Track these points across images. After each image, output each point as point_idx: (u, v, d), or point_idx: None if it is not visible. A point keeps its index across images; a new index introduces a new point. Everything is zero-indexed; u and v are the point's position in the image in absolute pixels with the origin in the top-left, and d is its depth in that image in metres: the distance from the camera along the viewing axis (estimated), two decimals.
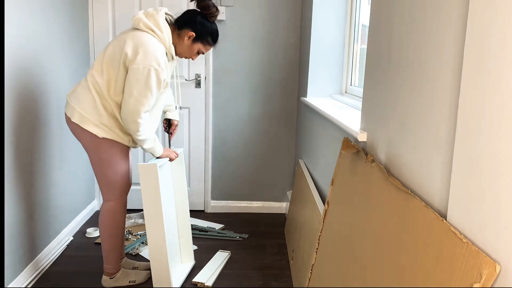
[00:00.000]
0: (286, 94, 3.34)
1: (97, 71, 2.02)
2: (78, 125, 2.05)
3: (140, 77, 1.93)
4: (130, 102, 1.96)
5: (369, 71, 1.64)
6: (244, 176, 3.44)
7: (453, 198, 0.98)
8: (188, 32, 2.09)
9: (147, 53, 1.94)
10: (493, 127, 0.84)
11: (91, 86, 2.03)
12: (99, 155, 2.10)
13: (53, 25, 2.53)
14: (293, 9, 3.22)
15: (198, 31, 2.10)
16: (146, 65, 1.93)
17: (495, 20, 0.84)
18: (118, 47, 2.00)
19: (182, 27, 2.10)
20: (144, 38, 1.97)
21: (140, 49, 1.94)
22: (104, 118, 2.04)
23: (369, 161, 1.50)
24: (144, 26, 2.01)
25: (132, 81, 1.95)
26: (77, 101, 2.04)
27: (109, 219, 2.20)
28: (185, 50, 2.14)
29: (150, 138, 2.09)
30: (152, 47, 1.96)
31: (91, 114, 2.03)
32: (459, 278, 0.88)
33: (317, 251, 1.84)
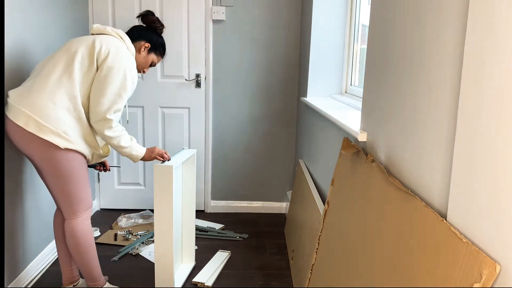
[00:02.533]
0: (286, 94, 3.34)
1: (60, 70, 1.87)
2: (33, 135, 1.81)
3: (115, 77, 1.89)
4: (102, 101, 1.88)
5: (369, 71, 1.64)
6: (244, 176, 3.44)
7: (453, 198, 0.98)
8: (144, 44, 2.13)
9: (122, 54, 1.93)
10: (493, 127, 0.84)
11: (52, 87, 1.85)
12: (59, 169, 1.88)
13: (53, 25, 2.53)
14: (293, 9, 3.22)
15: (153, 42, 2.16)
16: (122, 65, 1.91)
17: (495, 20, 0.84)
18: (84, 45, 1.91)
19: (136, 40, 2.13)
20: (115, 41, 1.97)
21: (112, 49, 1.92)
22: (66, 124, 1.85)
23: (369, 161, 1.50)
24: (112, 31, 2.01)
25: (106, 80, 1.88)
26: (32, 106, 1.82)
27: (82, 238, 1.99)
28: (141, 61, 2.16)
29: (126, 135, 1.98)
30: (124, 50, 1.98)
31: (50, 121, 1.82)
32: (459, 278, 0.88)
33: (317, 251, 1.84)
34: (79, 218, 1.99)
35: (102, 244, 2.79)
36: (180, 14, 3.18)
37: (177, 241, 2.38)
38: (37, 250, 2.40)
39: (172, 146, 3.34)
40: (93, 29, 2.04)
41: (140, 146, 2.07)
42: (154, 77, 3.26)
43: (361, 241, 1.41)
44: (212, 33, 3.22)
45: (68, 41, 1.97)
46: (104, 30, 2.01)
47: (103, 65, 1.89)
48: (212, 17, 3.18)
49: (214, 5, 3.17)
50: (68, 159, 1.89)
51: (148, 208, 3.39)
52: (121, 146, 1.98)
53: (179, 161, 2.21)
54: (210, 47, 3.22)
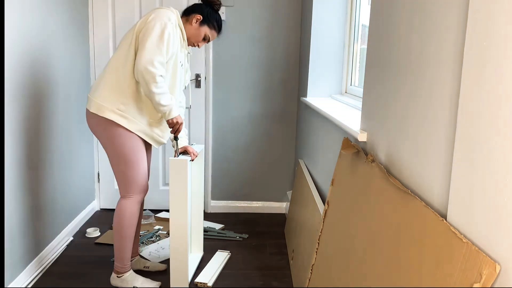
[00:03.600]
0: (286, 94, 3.34)
1: (113, 54, 2.08)
2: (95, 115, 2.04)
3: (153, 30, 1.97)
4: (142, 54, 1.96)
5: (369, 71, 1.64)
6: (244, 176, 3.44)
7: (453, 198, 0.98)
8: (195, 16, 2.20)
9: (160, 13, 2.03)
10: (493, 127, 0.84)
11: (106, 69, 2.05)
12: (117, 149, 2.07)
13: (53, 26, 2.53)
14: (293, 9, 3.22)
15: (205, 14, 2.22)
16: (159, 20, 2.00)
17: (495, 20, 0.84)
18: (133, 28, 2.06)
19: (190, 13, 2.22)
20: (157, 9, 2.07)
21: (153, 12, 2.04)
22: (123, 100, 2.02)
23: (369, 161, 1.50)
24: (159, 5, 2.14)
25: (145, 35, 1.98)
26: (93, 90, 2.07)
27: (121, 217, 2.17)
28: (192, 33, 2.22)
29: (168, 94, 2.03)
30: (166, 11, 2.06)
31: (108, 100, 2.02)
32: (459, 278, 0.88)
33: (317, 251, 1.84)
34: (131, 200, 2.16)
35: (102, 244, 2.79)
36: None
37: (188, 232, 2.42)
38: (37, 250, 2.40)
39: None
40: None
41: (176, 111, 2.11)
42: None
43: (361, 241, 1.41)
44: None
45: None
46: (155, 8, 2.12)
47: (144, 26, 2.01)
48: None
49: None
50: (125, 140, 2.07)
51: (148, 208, 3.39)
52: (161, 104, 2.02)
53: (190, 156, 2.31)
54: (210, 47, 3.22)
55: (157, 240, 2.88)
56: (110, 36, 3.19)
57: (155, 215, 3.27)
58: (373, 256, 1.29)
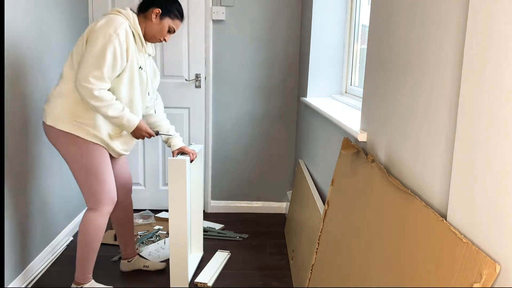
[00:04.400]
0: (286, 94, 3.34)
1: (66, 62, 1.97)
2: (52, 127, 1.95)
3: (95, 45, 1.84)
4: (79, 71, 1.86)
5: (369, 71, 1.64)
6: (244, 176, 3.44)
7: (453, 198, 0.98)
8: (153, 10, 2.03)
9: (108, 22, 1.88)
10: (493, 127, 0.84)
11: (60, 79, 1.96)
12: (79, 161, 1.98)
13: (53, 25, 2.53)
14: (293, 9, 3.22)
15: (163, 5, 2.04)
16: (103, 33, 1.86)
17: (495, 20, 0.84)
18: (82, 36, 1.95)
19: (147, 8, 2.04)
20: (107, 15, 1.95)
21: (101, 20, 1.91)
22: (78, 110, 1.92)
23: (369, 161, 1.50)
24: (111, 10, 2.00)
25: (87, 48, 1.86)
26: (48, 101, 1.98)
27: (87, 230, 2.05)
28: (155, 30, 2.05)
29: (115, 105, 1.91)
30: (115, 18, 1.91)
31: (64, 111, 1.93)
32: (459, 278, 0.88)
33: (317, 251, 1.84)
34: (98, 212, 2.06)
35: (102, 244, 2.79)
36: None
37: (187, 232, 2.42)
38: (37, 250, 2.40)
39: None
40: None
41: (132, 118, 1.99)
42: None
43: (361, 241, 1.41)
44: (212, 33, 3.22)
45: None
46: (106, 13, 2.00)
47: (89, 36, 1.90)
48: (212, 17, 3.18)
49: (214, 5, 3.17)
50: (87, 151, 1.98)
51: (148, 208, 3.39)
52: (109, 116, 1.92)
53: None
54: (210, 47, 3.22)
55: (157, 240, 2.88)
56: None
57: (155, 215, 3.27)
58: (373, 256, 1.29)
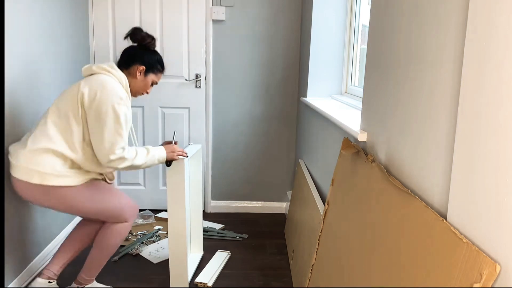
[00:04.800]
0: (286, 94, 3.34)
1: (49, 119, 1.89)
2: (42, 186, 1.85)
3: (107, 118, 1.86)
4: (102, 147, 1.88)
5: (369, 71, 1.64)
6: (244, 176, 3.44)
7: (453, 198, 0.98)
8: (138, 67, 2.05)
9: (107, 91, 1.88)
10: (493, 127, 0.84)
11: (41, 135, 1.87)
12: (86, 198, 1.94)
13: (52, 25, 2.53)
14: (293, 9, 3.22)
15: (146, 62, 2.07)
16: (109, 103, 1.86)
17: (495, 20, 0.84)
18: (72, 92, 1.90)
19: (130, 65, 2.06)
20: (100, 78, 1.93)
21: (98, 89, 1.88)
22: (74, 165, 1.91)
23: (369, 161, 1.50)
24: (97, 68, 1.97)
25: (99, 124, 1.87)
26: (29, 160, 1.85)
27: (109, 234, 2.06)
28: (140, 86, 2.09)
29: (139, 155, 1.96)
30: (110, 84, 1.91)
31: (58, 170, 1.86)
32: (459, 278, 0.88)
33: (317, 251, 1.84)
34: (126, 224, 2.09)
35: None
36: (180, 14, 3.18)
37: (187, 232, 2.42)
38: (37, 250, 2.40)
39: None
40: (83, 71, 2.01)
41: (157, 149, 2.05)
42: None
43: (361, 241, 1.41)
44: (212, 33, 3.22)
45: (63, 92, 1.96)
46: (91, 70, 1.98)
47: (90, 110, 1.87)
48: (212, 17, 3.18)
49: (214, 5, 3.17)
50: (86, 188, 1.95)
51: (148, 208, 3.39)
52: (140, 165, 1.98)
53: (193, 151, 2.34)
54: (210, 47, 3.22)
55: (157, 240, 2.88)
56: (110, 36, 3.20)
57: (155, 215, 3.27)
58: (373, 256, 1.29)
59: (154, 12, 3.17)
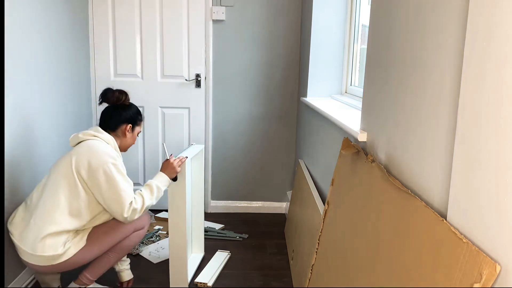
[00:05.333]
0: (286, 94, 3.34)
1: (54, 197, 1.91)
2: (52, 266, 1.90)
3: (106, 182, 1.92)
4: (115, 210, 1.95)
5: (369, 71, 1.64)
6: (244, 176, 3.44)
7: (453, 198, 0.98)
8: (125, 127, 2.14)
9: (96, 154, 1.94)
10: (493, 127, 0.84)
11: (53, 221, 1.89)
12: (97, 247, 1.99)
13: (52, 26, 2.53)
14: (294, 9, 3.22)
15: (129, 119, 2.15)
16: (100, 167, 1.92)
17: (495, 20, 0.84)
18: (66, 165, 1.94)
19: (116, 127, 2.12)
20: (87, 144, 1.98)
21: (88, 156, 1.93)
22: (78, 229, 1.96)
23: (369, 161, 1.50)
24: (84, 135, 2.02)
25: (101, 190, 1.93)
26: (39, 249, 1.87)
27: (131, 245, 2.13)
28: (130, 141, 2.19)
29: (145, 197, 2.03)
30: (97, 147, 1.97)
31: (62, 247, 1.90)
32: (459, 278, 0.88)
33: (317, 251, 1.84)
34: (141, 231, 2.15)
35: None
36: (180, 14, 3.18)
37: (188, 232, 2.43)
38: None
39: (172, 146, 3.34)
40: (70, 141, 2.05)
41: (158, 178, 2.12)
42: (154, 77, 3.26)
43: (361, 241, 1.41)
44: (212, 33, 3.22)
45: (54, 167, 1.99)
46: (78, 138, 2.02)
47: (89, 179, 1.93)
48: (212, 17, 3.18)
49: (214, 5, 3.17)
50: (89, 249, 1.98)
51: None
52: (153, 203, 2.08)
53: (190, 156, 2.32)
54: (210, 47, 3.22)
55: (157, 240, 2.88)
56: (110, 36, 3.20)
57: (155, 215, 3.27)
58: (373, 256, 1.29)
59: (154, 12, 3.17)
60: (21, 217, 1.96)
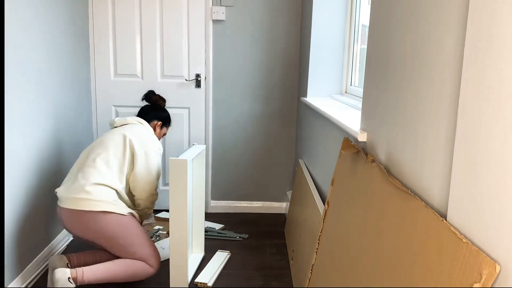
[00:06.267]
0: (286, 94, 3.34)
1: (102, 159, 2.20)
2: (92, 212, 2.09)
3: (152, 160, 2.31)
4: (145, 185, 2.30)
5: (369, 71, 1.64)
6: (244, 176, 3.44)
7: (453, 198, 0.98)
8: (156, 123, 2.58)
9: (148, 141, 2.34)
10: (493, 127, 0.84)
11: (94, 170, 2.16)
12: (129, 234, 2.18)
13: (52, 25, 2.53)
14: (293, 9, 3.22)
15: (162, 118, 2.61)
16: (154, 148, 2.34)
17: (495, 20, 0.84)
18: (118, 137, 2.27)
19: (149, 121, 2.55)
20: (138, 128, 2.37)
21: (144, 135, 2.34)
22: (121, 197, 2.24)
23: (369, 161, 1.50)
24: (132, 119, 2.43)
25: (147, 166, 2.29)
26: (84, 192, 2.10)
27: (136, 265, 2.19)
28: (156, 137, 2.52)
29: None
30: (146, 133, 2.38)
31: (106, 195, 2.14)
32: (459, 278, 0.88)
33: (317, 251, 1.84)
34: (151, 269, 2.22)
35: None
36: (180, 14, 3.18)
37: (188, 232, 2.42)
38: (37, 250, 2.40)
39: (172, 146, 3.34)
40: (115, 122, 2.41)
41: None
42: (154, 77, 3.26)
43: (361, 241, 1.41)
44: (212, 33, 3.22)
45: (101, 137, 2.33)
46: (126, 121, 2.42)
47: (140, 155, 2.27)
48: (212, 17, 3.18)
49: (214, 5, 3.17)
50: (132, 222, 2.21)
51: None
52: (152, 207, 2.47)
53: (191, 156, 2.32)
54: (210, 47, 3.22)
55: (157, 240, 2.88)
56: (110, 36, 3.20)
57: (155, 215, 3.27)
58: (373, 256, 1.29)
59: (154, 12, 3.17)
60: (69, 177, 2.22)
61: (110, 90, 3.25)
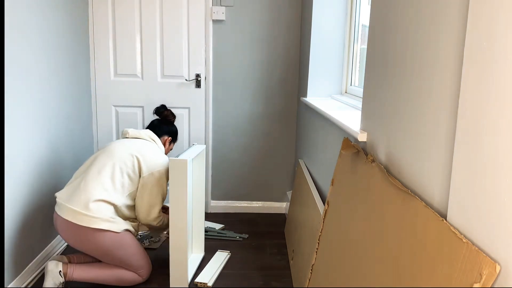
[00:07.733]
0: (286, 94, 3.34)
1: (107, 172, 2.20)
2: (89, 228, 2.09)
3: (156, 183, 2.28)
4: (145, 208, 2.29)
5: (369, 71, 1.64)
6: (244, 176, 3.44)
7: (453, 198, 0.98)
8: (166, 139, 2.61)
9: (156, 161, 2.32)
10: (493, 127, 0.84)
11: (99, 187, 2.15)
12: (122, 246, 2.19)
13: (52, 25, 2.53)
14: (293, 9, 3.22)
15: (172, 133, 2.64)
16: (160, 170, 2.31)
17: (495, 20, 0.84)
18: (127, 150, 2.28)
19: (160, 135, 2.57)
20: (149, 146, 2.38)
21: (153, 154, 2.34)
22: (123, 214, 2.24)
23: (369, 161, 1.50)
24: (145, 135, 2.45)
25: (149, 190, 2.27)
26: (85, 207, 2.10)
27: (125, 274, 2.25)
28: (165, 152, 2.58)
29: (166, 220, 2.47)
30: (157, 152, 2.38)
31: (105, 212, 2.13)
32: (459, 278, 0.88)
33: (317, 251, 1.84)
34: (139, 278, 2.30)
35: None
36: (180, 14, 3.18)
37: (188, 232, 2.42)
38: (37, 250, 2.40)
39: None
40: (128, 133, 2.43)
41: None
42: (154, 77, 3.26)
43: (361, 241, 1.41)
44: (212, 33, 3.22)
45: (110, 145, 2.32)
46: (139, 135, 2.43)
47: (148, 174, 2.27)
48: (212, 17, 3.18)
49: (214, 5, 3.17)
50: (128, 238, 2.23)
51: None
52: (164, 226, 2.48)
53: (191, 156, 2.33)
54: (210, 47, 3.22)
55: (157, 240, 2.88)
56: (110, 36, 3.20)
57: None
58: (373, 256, 1.29)
59: (154, 12, 3.17)
60: (72, 183, 2.22)
61: (110, 90, 3.25)
